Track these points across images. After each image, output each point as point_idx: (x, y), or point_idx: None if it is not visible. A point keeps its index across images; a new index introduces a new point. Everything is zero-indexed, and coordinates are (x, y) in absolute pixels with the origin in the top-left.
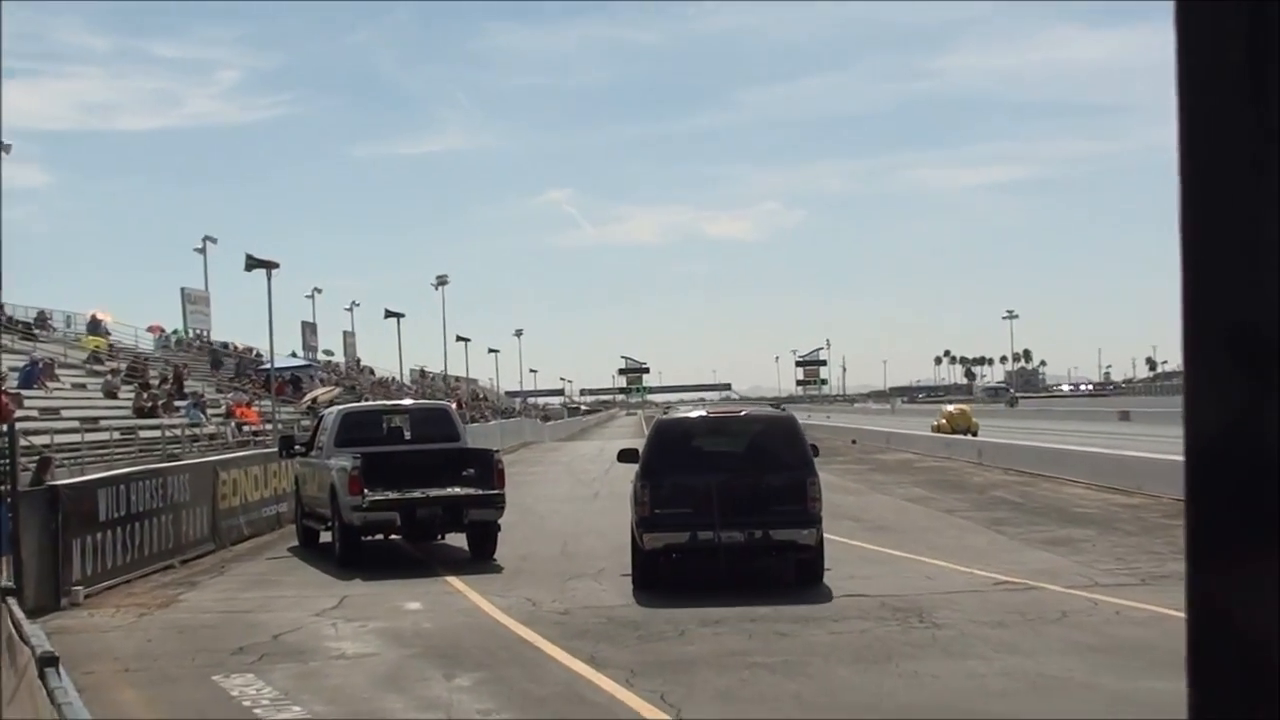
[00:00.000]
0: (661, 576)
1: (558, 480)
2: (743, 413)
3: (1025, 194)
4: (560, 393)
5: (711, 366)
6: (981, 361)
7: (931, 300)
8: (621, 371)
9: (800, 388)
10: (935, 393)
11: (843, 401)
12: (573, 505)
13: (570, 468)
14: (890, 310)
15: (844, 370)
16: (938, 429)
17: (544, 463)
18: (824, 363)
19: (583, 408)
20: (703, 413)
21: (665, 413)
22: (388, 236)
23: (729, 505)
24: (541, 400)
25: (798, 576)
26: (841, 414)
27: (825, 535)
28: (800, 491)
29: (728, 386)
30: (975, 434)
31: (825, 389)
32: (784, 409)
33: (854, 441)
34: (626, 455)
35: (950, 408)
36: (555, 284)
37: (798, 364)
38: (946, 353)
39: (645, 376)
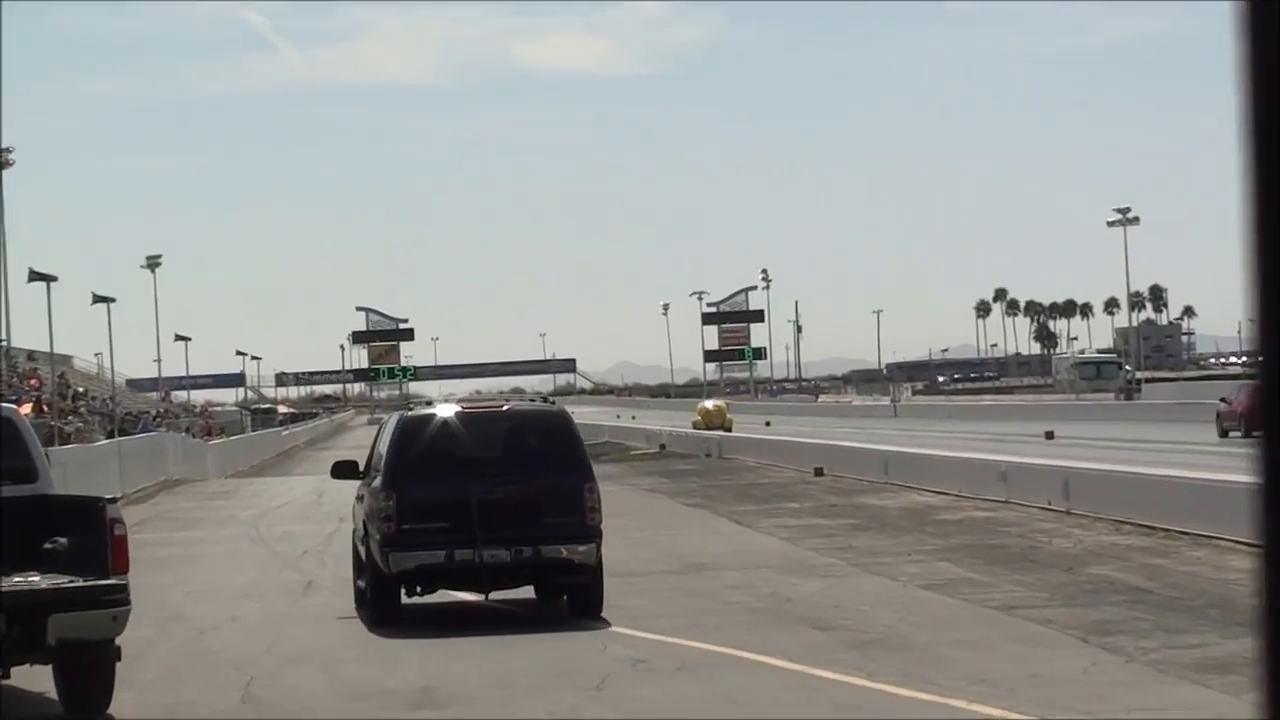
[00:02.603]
0: (408, 610)
1: (235, 556)
2: (504, 407)
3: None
4: (241, 380)
5: (543, 329)
6: (1069, 311)
7: (966, 200)
8: (359, 338)
9: (713, 367)
10: (980, 373)
11: (796, 391)
12: (265, 606)
13: (259, 530)
14: (887, 218)
15: (797, 331)
16: (695, 426)
17: (207, 521)
18: (757, 317)
19: (281, 410)
20: (456, 407)
21: (410, 408)
22: None
23: (491, 517)
24: (205, 397)
25: (572, 609)
26: (792, 416)
27: (755, 657)
28: (576, 500)
29: (569, 367)
30: (730, 430)
31: (757, 368)
32: (553, 402)
33: (819, 472)
34: (344, 469)
35: (707, 403)
36: (228, 164)
37: (708, 320)
38: (1000, 296)
39: (407, 348)
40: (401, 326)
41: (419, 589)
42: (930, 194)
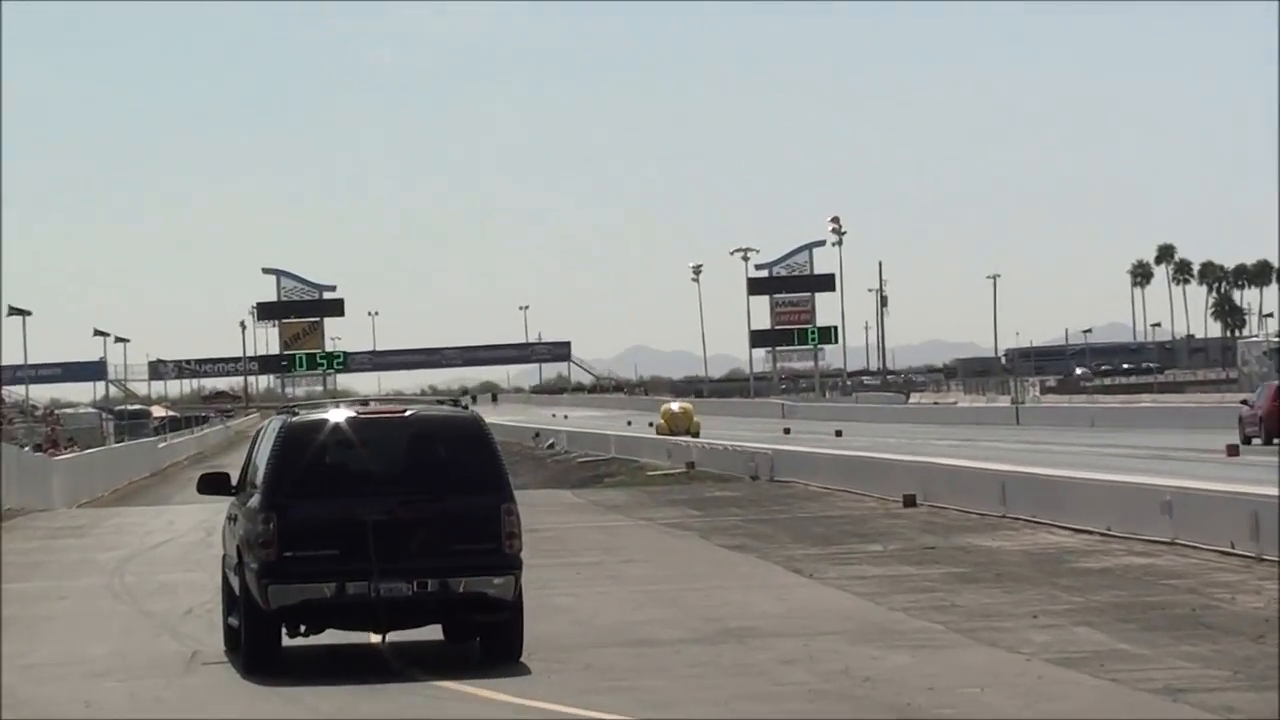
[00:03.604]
0: (291, 654)
1: (93, 617)
2: (407, 412)
3: None
4: (100, 370)
5: (525, 302)
6: (1261, 276)
7: (1115, 137)
8: (267, 312)
9: (764, 355)
10: (1136, 363)
11: (879, 388)
12: (133, 688)
13: (125, 580)
14: (1006, 155)
15: (882, 305)
16: (659, 430)
17: (52, 567)
18: (826, 284)
19: (156, 412)
20: (350, 413)
21: (294, 413)
22: None
23: (391, 544)
24: (50, 394)
25: (485, 653)
26: (873, 422)
27: None
28: (491, 523)
29: (562, 353)
30: (697, 435)
31: (824, 355)
32: (467, 406)
33: (910, 501)
34: (213, 483)
35: (673, 405)
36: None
37: (757, 287)
38: (1166, 256)
39: (334, 326)
40: (327, 296)
41: (303, 628)
42: (1065, 127)
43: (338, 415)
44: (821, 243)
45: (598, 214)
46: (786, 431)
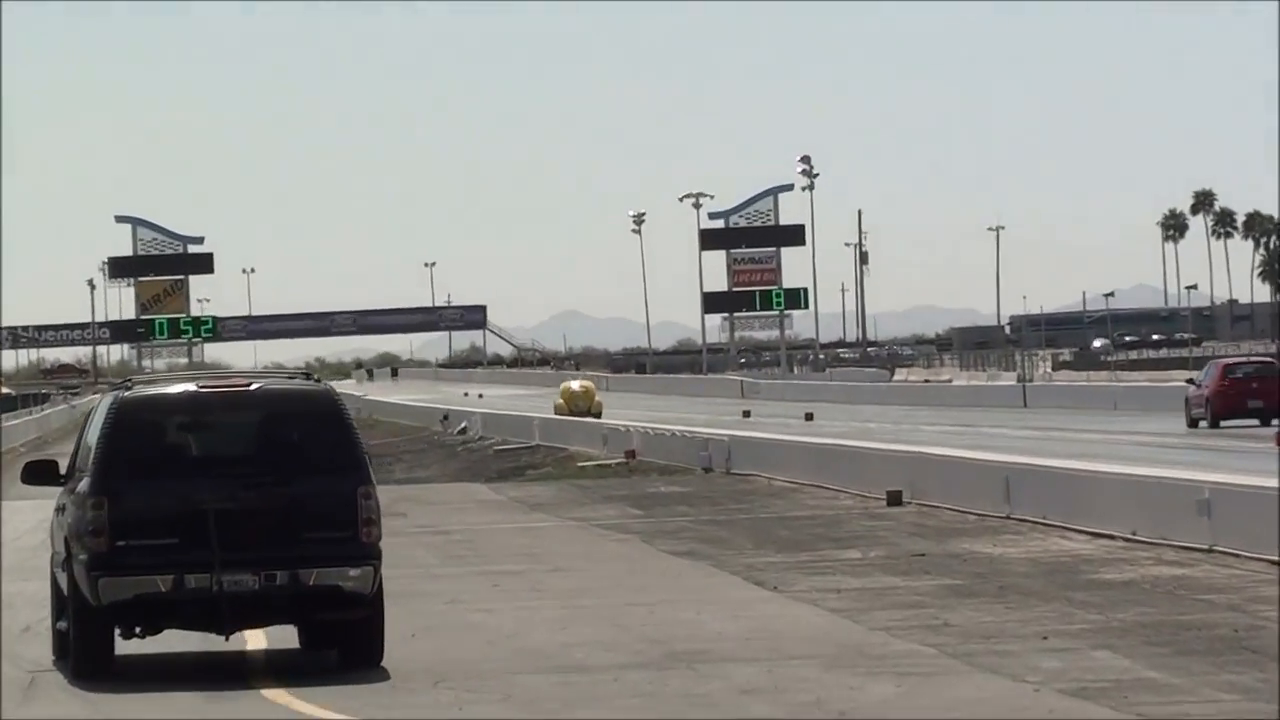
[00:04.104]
0: (125, 660)
1: None
2: (252, 386)
3: None
4: None
5: (431, 258)
6: None
7: (1137, 69)
8: (121, 268)
9: (719, 321)
10: (1168, 333)
11: (858, 362)
12: None
13: None
14: (1006, 88)
15: (862, 263)
16: (557, 411)
17: None
18: (794, 235)
19: None
20: (190, 387)
21: (128, 386)
22: None
23: (235, 532)
24: None
25: (342, 657)
26: (851, 404)
27: None
28: (346, 508)
29: (476, 320)
30: (599, 416)
31: (792, 322)
32: (319, 379)
33: (896, 499)
34: (38, 472)
35: (574, 384)
36: None
37: (711, 240)
38: (1204, 205)
39: (201, 285)
40: (193, 250)
41: (138, 629)
42: (1082, 48)
43: (177, 389)
44: (789, 187)
45: (519, 151)
46: (746, 414)
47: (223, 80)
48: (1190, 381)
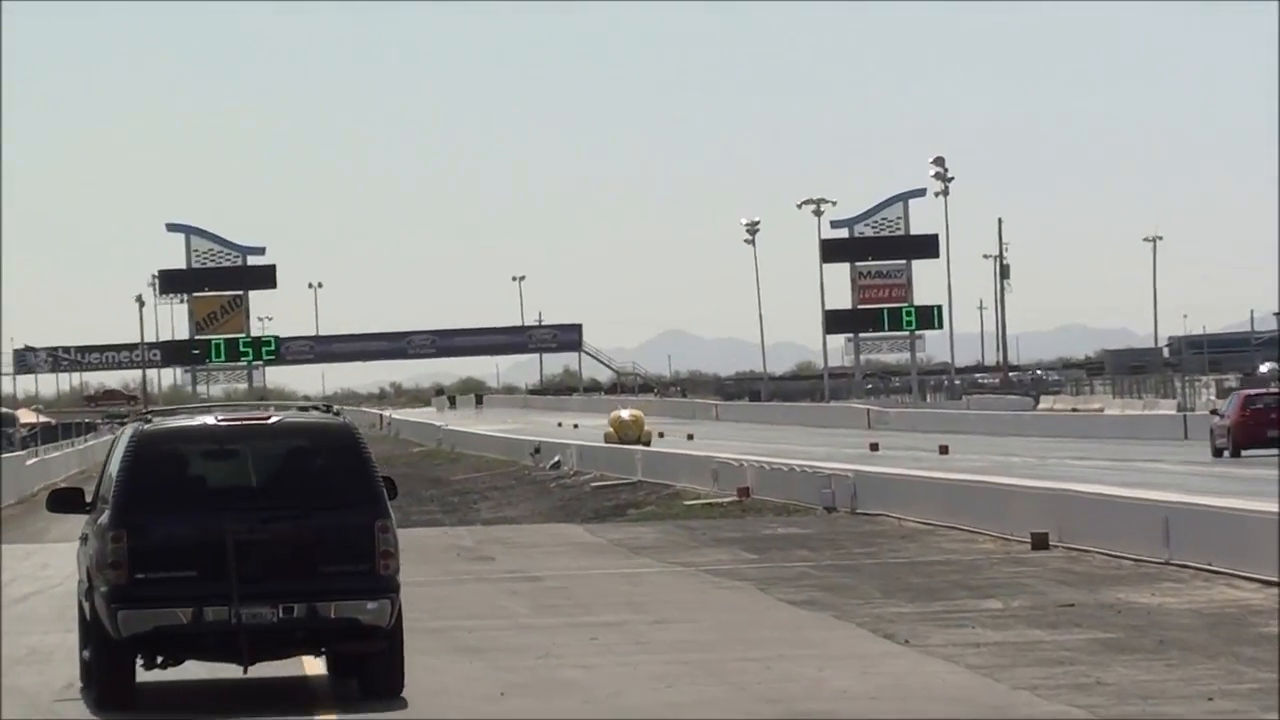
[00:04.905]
0: (146, 689)
1: None
2: (272, 419)
3: None
4: None
5: (521, 271)
6: None
7: None
8: (172, 282)
9: (842, 343)
10: None
11: (997, 389)
12: None
13: None
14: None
15: (1003, 279)
16: (607, 439)
17: None
18: (926, 247)
19: (24, 418)
20: (210, 420)
21: (148, 420)
22: None
23: (254, 564)
24: None
25: (362, 687)
26: (991, 435)
27: None
28: (364, 542)
29: (570, 341)
30: (648, 444)
31: (924, 344)
32: (338, 411)
33: (1041, 542)
34: (64, 500)
35: (624, 412)
36: None
37: (833, 251)
38: None
39: (261, 302)
40: (253, 262)
41: (159, 659)
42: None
43: (196, 422)
44: (920, 192)
45: (618, 153)
46: (874, 447)
47: (285, 76)
48: (1214, 412)
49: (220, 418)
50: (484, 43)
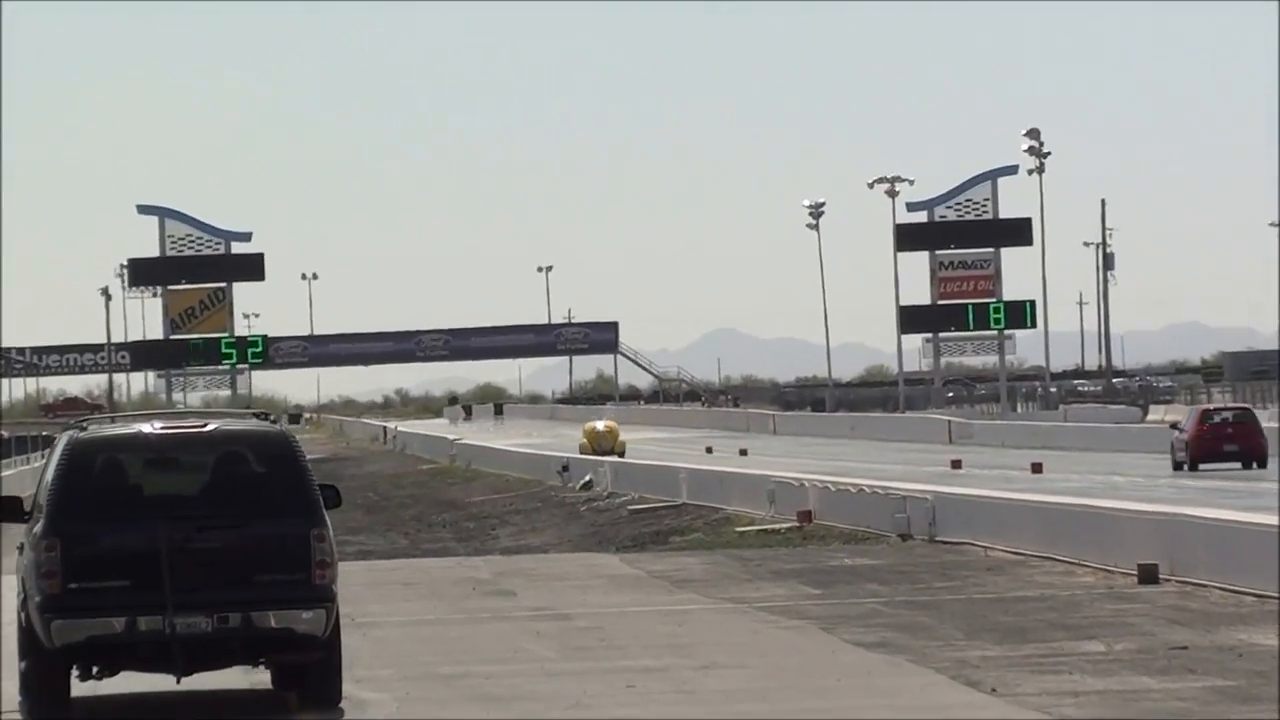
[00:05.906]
0: (81, 702)
1: None
2: (207, 427)
3: None
4: None
5: (549, 261)
6: None
7: None
8: (142, 273)
9: (920, 344)
10: None
11: (1101, 397)
12: None
13: None
14: None
15: (1106, 270)
16: (581, 450)
17: None
18: (1018, 232)
19: None
20: (145, 428)
21: (82, 427)
22: None
23: (189, 574)
24: None
25: (301, 696)
26: (1091, 451)
27: None
28: (300, 551)
29: (606, 342)
30: (622, 455)
31: (1015, 345)
32: (275, 420)
33: (1149, 575)
34: (3, 507)
35: (598, 423)
36: None
37: (908, 238)
38: None
39: (247, 295)
40: (238, 249)
41: (95, 670)
42: None
43: (130, 430)
44: (1011, 169)
45: (660, 131)
46: (956, 465)
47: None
48: (1174, 426)
49: (157, 426)
50: (514, 12)
